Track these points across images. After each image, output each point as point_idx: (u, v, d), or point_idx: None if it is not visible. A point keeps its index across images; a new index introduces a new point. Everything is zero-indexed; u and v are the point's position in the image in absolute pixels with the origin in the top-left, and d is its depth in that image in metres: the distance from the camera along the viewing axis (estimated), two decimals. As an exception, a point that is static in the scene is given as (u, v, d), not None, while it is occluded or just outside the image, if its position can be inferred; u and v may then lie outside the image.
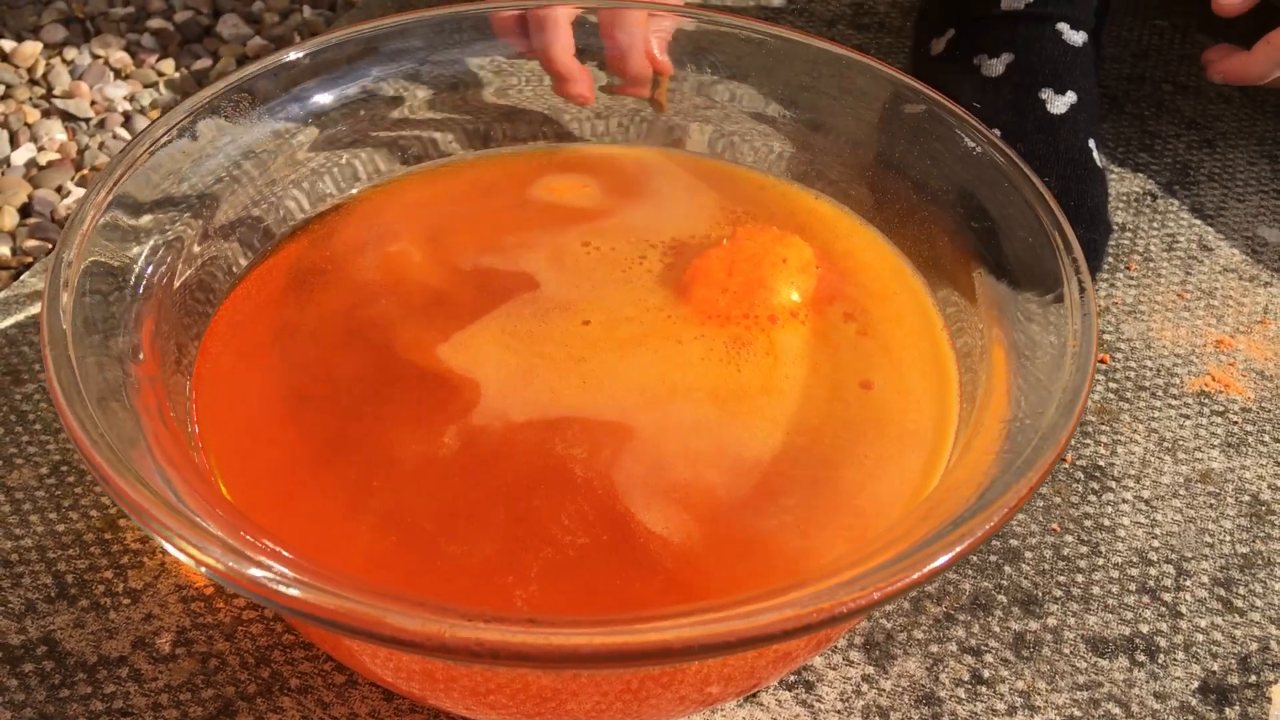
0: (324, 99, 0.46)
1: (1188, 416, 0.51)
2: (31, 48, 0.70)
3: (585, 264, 0.45)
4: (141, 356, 0.35)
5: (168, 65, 0.70)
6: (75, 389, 0.31)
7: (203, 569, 0.27)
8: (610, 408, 0.39)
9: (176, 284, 0.39)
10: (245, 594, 0.27)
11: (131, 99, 0.68)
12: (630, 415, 0.38)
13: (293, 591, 0.26)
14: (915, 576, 0.28)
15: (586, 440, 0.37)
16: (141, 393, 0.34)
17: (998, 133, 0.58)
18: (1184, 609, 0.44)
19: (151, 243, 0.39)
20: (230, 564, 0.28)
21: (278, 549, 0.30)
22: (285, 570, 0.27)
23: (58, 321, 0.32)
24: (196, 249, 0.41)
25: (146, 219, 0.39)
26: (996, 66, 0.61)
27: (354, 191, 0.47)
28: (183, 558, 0.28)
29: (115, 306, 0.36)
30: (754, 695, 0.40)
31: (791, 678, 0.41)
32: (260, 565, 0.27)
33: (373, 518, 0.35)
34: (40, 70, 0.69)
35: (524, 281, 0.44)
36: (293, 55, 0.45)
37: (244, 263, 0.43)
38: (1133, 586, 0.44)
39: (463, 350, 0.41)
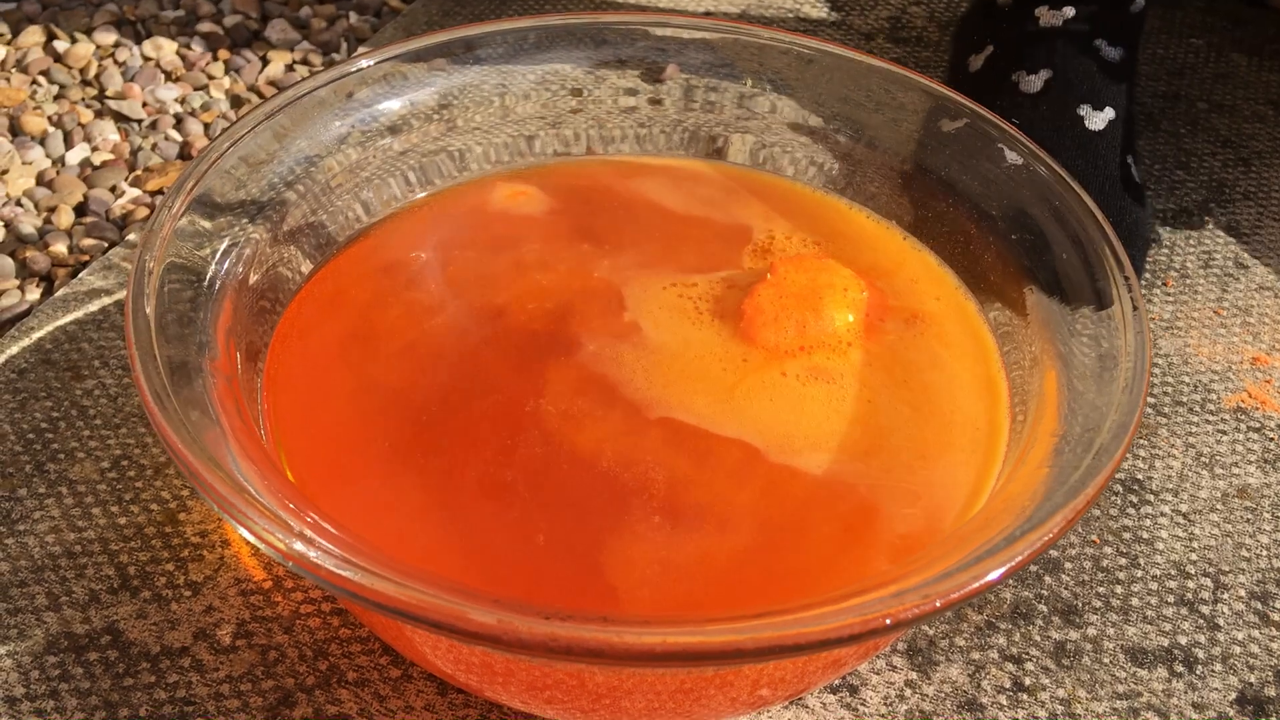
0: (384, 107, 0.47)
1: (1224, 432, 0.51)
2: (84, 49, 0.72)
3: (641, 287, 0.45)
4: (217, 354, 0.36)
5: (217, 69, 0.72)
6: (160, 383, 0.32)
7: (290, 563, 0.28)
8: (691, 437, 0.40)
9: (248, 287, 0.40)
10: (328, 586, 0.28)
11: (183, 101, 0.69)
12: (715, 446, 0.39)
13: (379, 585, 0.27)
14: (975, 586, 0.29)
15: (662, 459, 0.38)
16: (218, 388, 0.35)
17: (1038, 148, 0.59)
18: (1221, 621, 0.44)
19: (223, 247, 0.40)
20: (311, 555, 0.29)
21: (354, 542, 0.31)
22: (368, 564, 0.28)
23: (143, 321, 0.34)
24: (265, 254, 0.42)
25: (216, 224, 0.40)
26: (1035, 83, 0.61)
27: (413, 198, 0.48)
28: (264, 548, 0.29)
29: (192, 307, 0.37)
30: (800, 699, 0.41)
31: (836, 682, 0.42)
32: (344, 560, 0.28)
33: (440, 520, 0.36)
34: (93, 71, 0.71)
35: (588, 299, 0.44)
36: (361, 64, 0.46)
37: (309, 267, 0.44)
38: (1171, 599, 0.45)
39: (527, 361, 0.42)
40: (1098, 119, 0.59)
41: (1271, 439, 0.51)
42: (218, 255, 0.40)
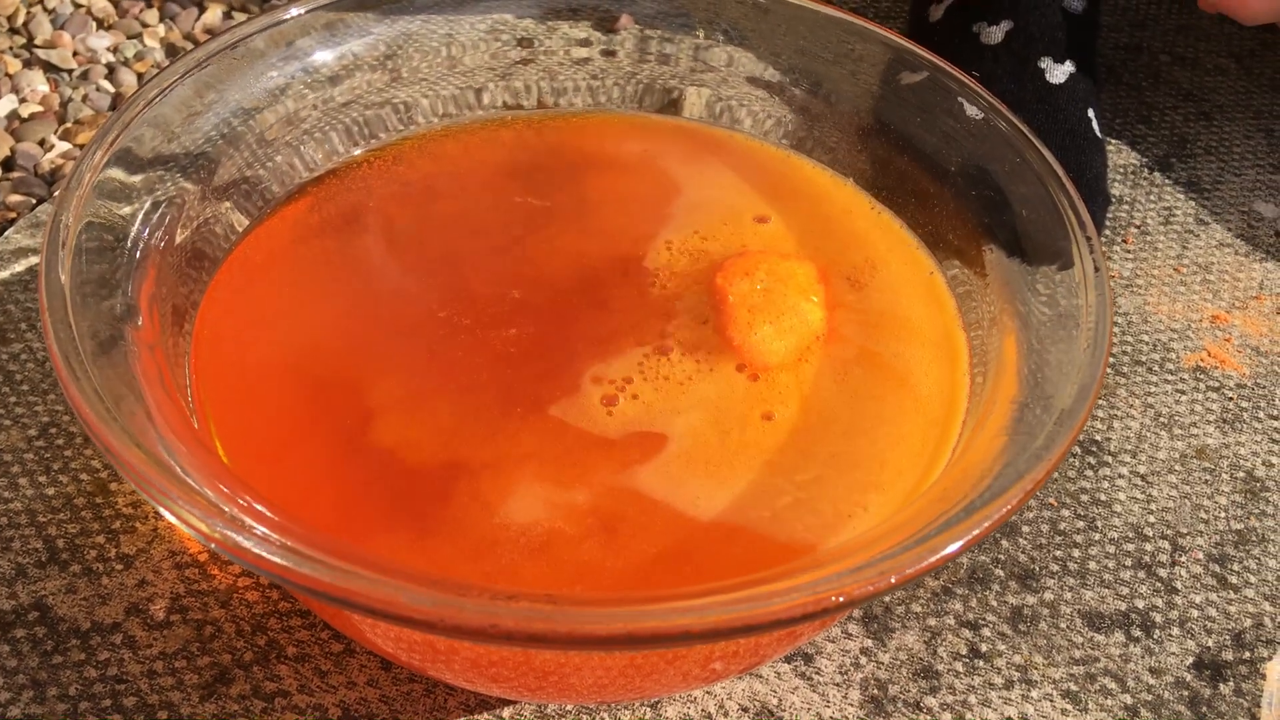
0: (324, 57, 0.45)
1: (1183, 392, 0.51)
2: (11, -5, 0.69)
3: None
4: (140, 321, 0.34)
5: (151, 16, 0.69)
6: (75, 354, 0.31)
7: (212, 545, 0.27)
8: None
9: (175, 246, 0.38)
10: (255, 569, 0.27)
11: (115, 50, 0.66)
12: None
13: (311, 570, 0.26)
14: (932, 560, 0.28)
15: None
16: (141, 358, 0.33)
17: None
18: (1179, 585, 0.44)
19: (149, 204, 0.38)
20: (237, 538, 0.27)
21: (286, 523, 0.29)
22: (296, 545, 0.27)
23: (57, 285, 0.32)
24: (194, 210, 0.40)
25: (143, 179, 0.38)
26: (995, 34, 0.60)
27: (355, 153, 0.46)
28: (189, 530, 0.28)
29: (113, 269, 0.35)
30: (754, 670, 0.40)
31: (791, 651, 0.41)
32: (269, 542, 0.27)
33: (383, 498, 0.35)
34: (20, 19, 0.68)
35: (540, 272, 0.43)
36: (293, 11, 0.44)
37: (242, 225, 0.42)
38: (1129, 562, 0.44)
39: (479, 327, 0.40)
40: (1059, 72, 0.58)
41: (1230, 398, 0.51)
42: (142, 213, 0.38)
